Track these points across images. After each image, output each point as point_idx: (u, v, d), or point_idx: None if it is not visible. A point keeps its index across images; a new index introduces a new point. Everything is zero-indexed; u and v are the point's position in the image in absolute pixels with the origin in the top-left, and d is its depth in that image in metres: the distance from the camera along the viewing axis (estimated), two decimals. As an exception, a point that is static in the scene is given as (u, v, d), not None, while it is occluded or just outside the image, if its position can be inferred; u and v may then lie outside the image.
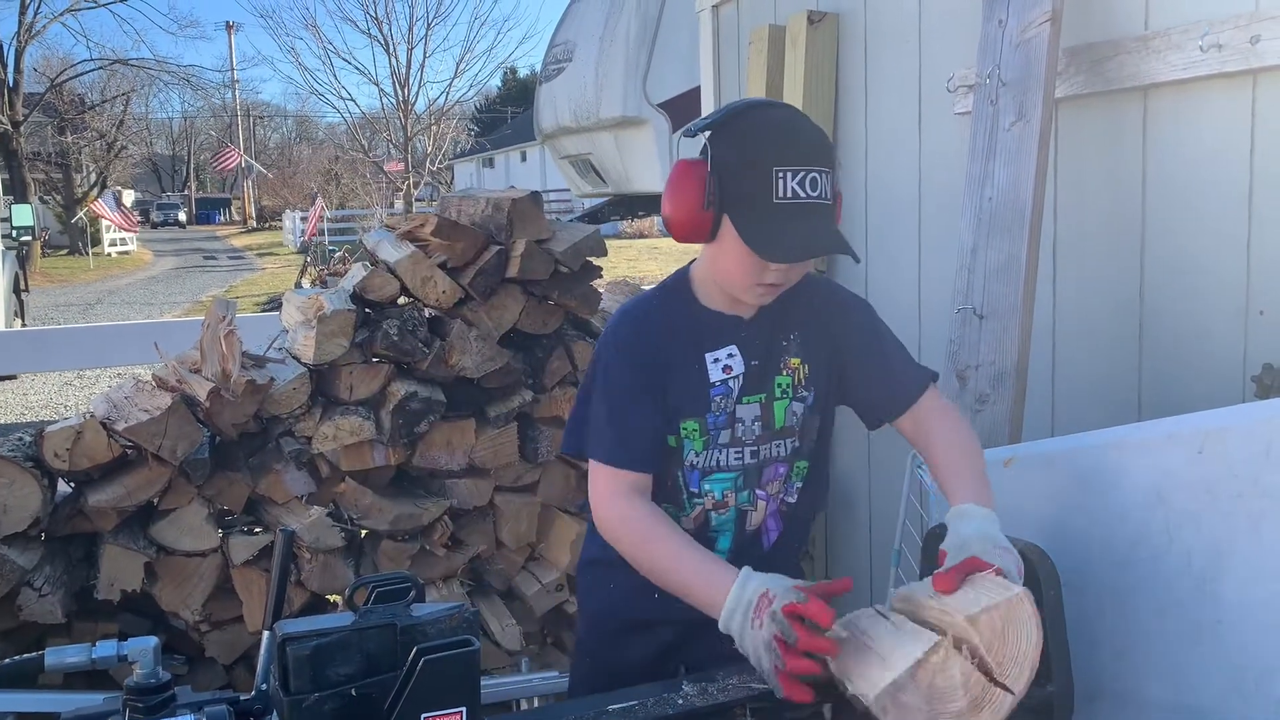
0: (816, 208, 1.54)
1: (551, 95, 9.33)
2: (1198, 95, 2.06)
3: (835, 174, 1.58)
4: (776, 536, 1.78)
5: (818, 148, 1.58)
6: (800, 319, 1.73)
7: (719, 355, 1.69)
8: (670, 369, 1.68)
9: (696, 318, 1.70)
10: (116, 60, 33.28)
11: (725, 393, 1.68)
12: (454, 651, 1.11)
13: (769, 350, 1.71)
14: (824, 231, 1.57)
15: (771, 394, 1.70)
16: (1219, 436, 1.44)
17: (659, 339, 1.69)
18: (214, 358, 2.63)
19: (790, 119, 1.63)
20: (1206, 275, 2.07)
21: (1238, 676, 1.40)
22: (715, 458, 1.70)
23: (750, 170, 1.55)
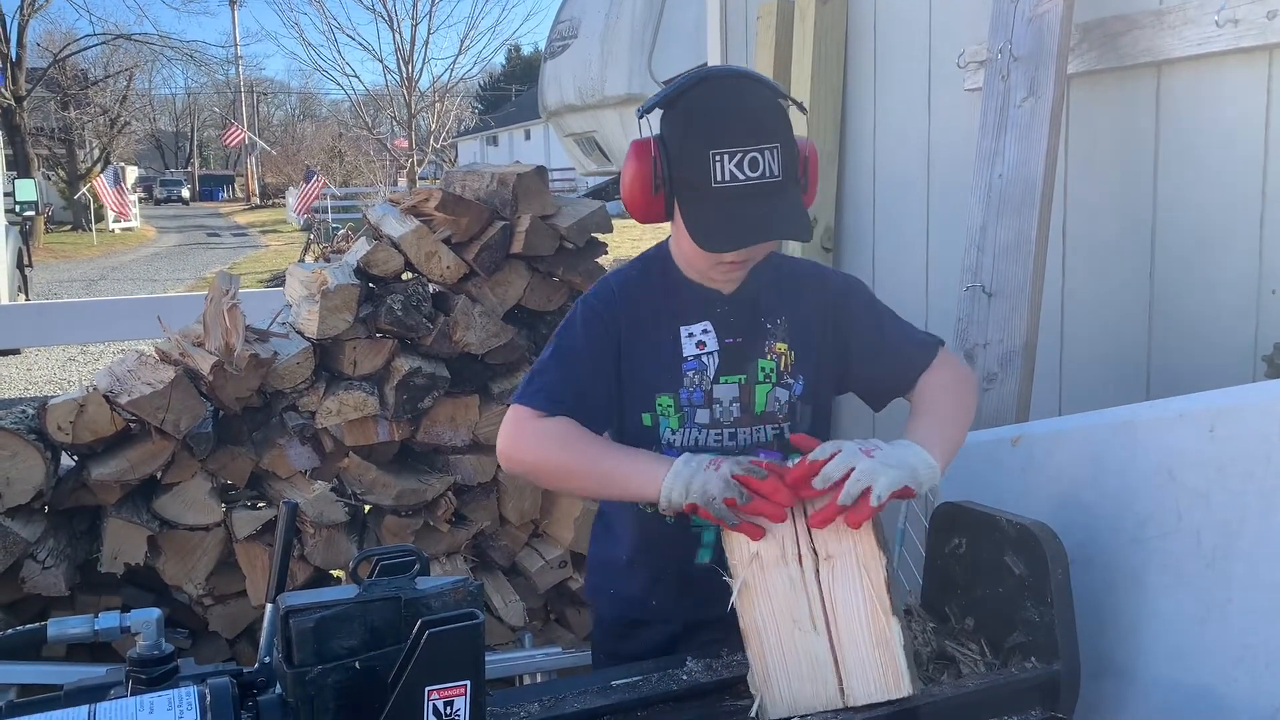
0: (760, 189, 1.48)
1: (556, 72, 9.29)
2: (1212, 71, 2.03)
3: (789, 146, 1.51)
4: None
5: (759, 124, 1.50)
6: (789, 303, 1.68)
7: (693, 330, 1.65)
8: (640, 340, 1.65)
9: (674, 289, 1.67)
10: (119, 35, 33.19)
11: (699, 368, 1.64)
12: (458, 625, 1.10)
13: (750, 331, 1.66)
14: (769, 215, 1.50)
15: (753, 377, 1.65)
16: (1230, 415, 1.43)
17: (630, 308, 1.66)
18: (217, 332, 2.61)
19: (731, 93, 1.54)
20: (1218, 254, 2.05)
21: (1246, 657, 1.39)
22: (694, 437, 1.65)
23: (690, 153, 1.51)
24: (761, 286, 1.67)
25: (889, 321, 1.73)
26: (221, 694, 1.10)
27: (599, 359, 1.64)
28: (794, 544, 1.39)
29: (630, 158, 1.58)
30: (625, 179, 1.59)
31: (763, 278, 1.67)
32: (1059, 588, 1.42)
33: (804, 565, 1.38)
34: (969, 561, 1.55)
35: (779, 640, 1.37)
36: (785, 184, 1.50)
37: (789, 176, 1.51)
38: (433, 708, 1.10)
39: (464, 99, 32.87)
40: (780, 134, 1.50)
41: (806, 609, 1.37)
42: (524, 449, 1.59)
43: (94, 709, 1.07)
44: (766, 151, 1.48)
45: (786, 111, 1.55)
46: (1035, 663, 1.43)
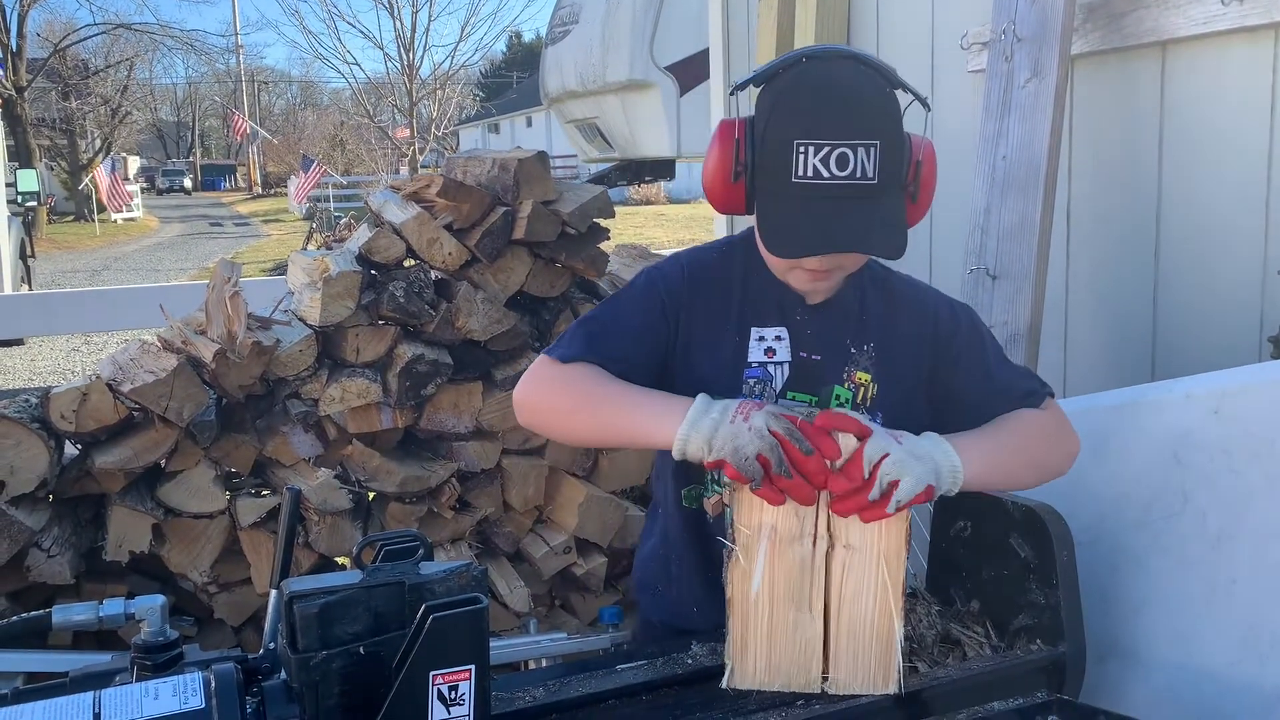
0: (847, 190, 1.30)
1: (557, 58, 9.26)
2: (1218, 50, 2.02)
3: (894, 146, 1.32)
4: None
5: (857, 115, 1.31)
6: (883, 328, 1.49)
7: (765, 334, 1.48)
8: (706, 329, 1.49)
9: (755, 283, 1.48)
10: (120, 25, 33.13)
11: (763, 378, 1.47)
12: (463, 609, 1.10)
13: (832, 350, 1.48)
14: (851, 223, 1.31)
15: (826, 402, 1.47)
16: (1236, 396, 1.42)
17: (697, 293, 1.49)
18: (219, 319, 2.61)
19: (831, 77, 1.35)
20: (1224, 234, 2.04)
21: (1251, 638, 1.39)
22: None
23: (774, 141, 1.34)
24: (855, 303, 1.48)
25: (1003, 369, 1.53)
26: (226, 679, 1.10)
27: (651, 334, 1.48)
28: (813, 523, 1.30)
29: (714, 140, 1.41)
30: (706, 162, 1.43)
31: (860, 293, 1.50)
32: (1064, 570, 1.42)
33: (817, 547, 1.31)
34: (974, 544, 1.54)
35: (770, 615, 1.33)
36: (882, 189, 1.32)
37: (889, 181, 1.33)
38: (437, 692, 1.10)
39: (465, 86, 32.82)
40: (883, 130, 1.32)
41: (808, 592, 1.33)
42: (536, 392, 1.48)
43: (99, 695, 1.07)
44: (861, 149, 1.29)
45: (894, 102, 1.36)
46: (1040, 645, 1.43)
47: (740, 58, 3.74)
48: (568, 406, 1.46)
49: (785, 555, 1.32)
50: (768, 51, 3.34)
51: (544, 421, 1.53)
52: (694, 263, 1.53)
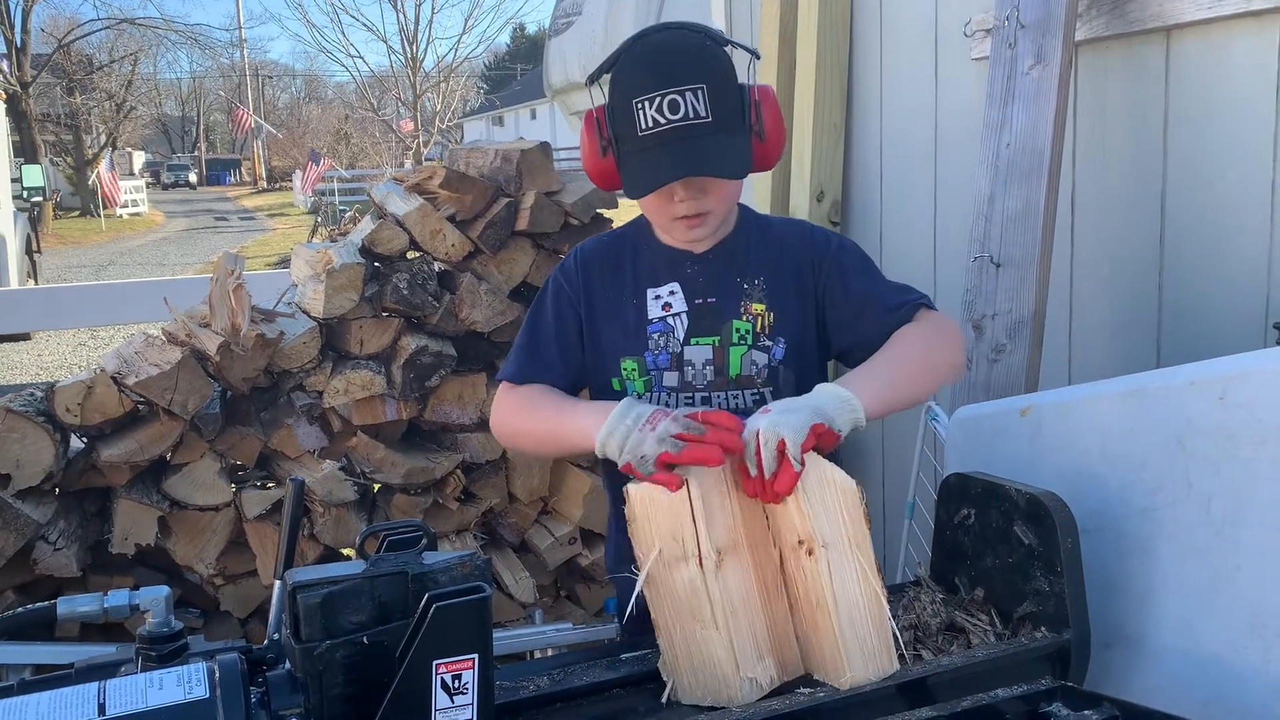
0: (685, 130, 1.45)
1: (561, 50, 9.24)
2: (1223, 35, 2.01)
3: (723, 88, 1.47)
4: None
5: (680, 66, 1.46)
6: (768, 263, 1.62)
7: (660, 292, 1.62)
8: (606, 304, 1.64)
9: (645, 253, 1.65)
10: (124, 20, 33.17)
11: (664, 330, 1.61)
12: (466, 599, 1.10)
13: (725, 291, 1.61)
14: (691, 154, 1.46)
15: (727, 339, 1.60)
16: (1241, 382, 1.41)
17: (595, 274, 1.66)
18: (223, 312, 2.61)
19: (657, 44, 1.51)
20: (1229, 221, 2.03)
21: (1256, 625, 1.38)
22: (663, 401, 1.60)
23: (620, 108, 1.50)
24: (739, 245, 1.63)
25: (876, 283, 1.65)
26: (230, 670, 1.11)
27: (565, 328, 1.66)
28: (694, 543, 1.31)
29: (582, 129, 1.57)
30: (581, 151, 1.60)
31: (742, 237, 1.64)
32: (1069, 557, 1.41)
33: (704, 566, 1.31)
34: (978, 532, 1.54)
35: (683, 633, 1.33)
36: (719, 125, 1.46)
37: (725, 119, 1.47)
38: (440, 681, 1.10)
39: (469, 79, 32.79)
40: (709, 76, 1.46)
41: (708, 609, 1.31)
42: (502, 421, 1.66)
43: (104, 686, 1.07)
44: (689, 93, 1.44)
45: (726, 57, 1.52)
46: (1045, 632, 1.43)
47: (743, 47, 3.73)
48: (522, 429, 1.65)
49: (675, 575, 1.33)
50: (770, 40, 3.33)
51: (515, 445, 1.70)
52: (586, 251, 1.71)
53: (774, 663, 1.34)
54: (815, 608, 1.34)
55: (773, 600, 1.36)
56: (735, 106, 1.49)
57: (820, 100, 3.10)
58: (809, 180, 3.13)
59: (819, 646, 1.35)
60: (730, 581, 1.33)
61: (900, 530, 2.71)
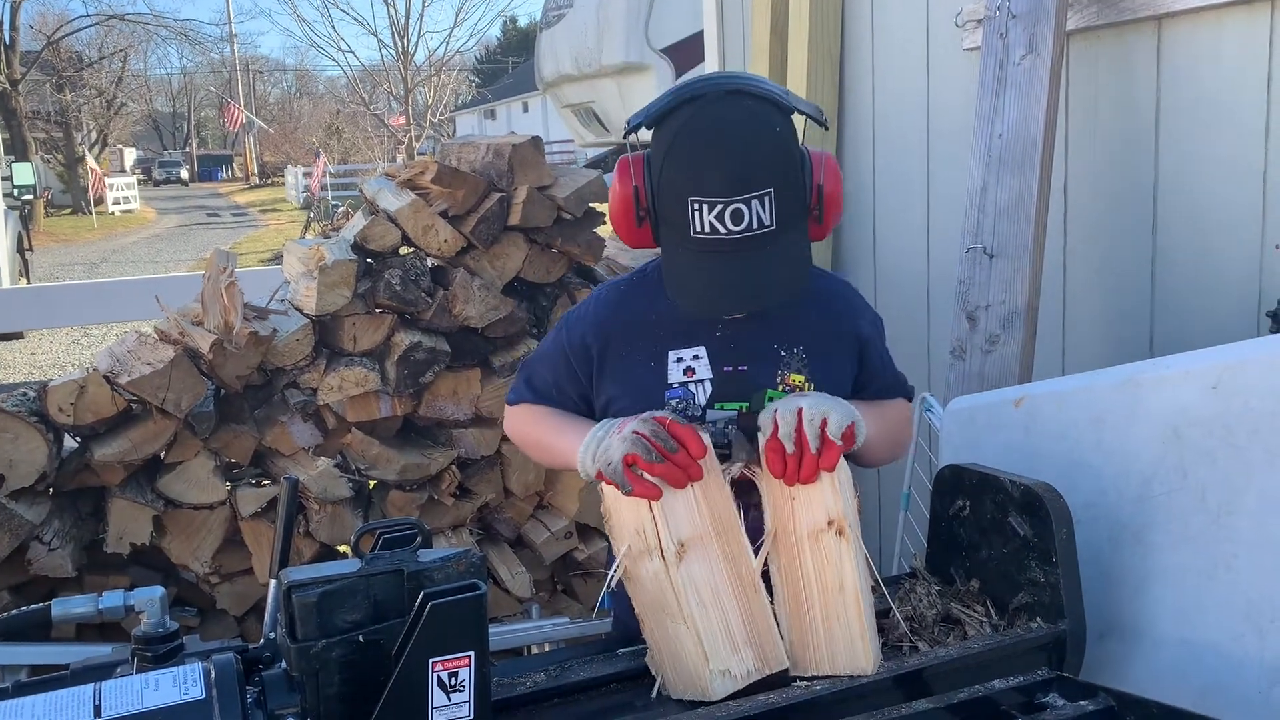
0: (746, 243, 1.31)
1: (552, 43, 9.22)
2: (1214, 23, 2.01)
3: (788, 186, 1.33)
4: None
5: (746, 168, 1.30)
6: (811, 328, 1.51)
7: (683, 355, 1.49)
8: (620, 360, 1.52)
9: (669, 311, 1.47)
10: (113, 16, 33.02)
11: (685, 397, 1.49)
12: (461, 596, 1.10)
13: (759, 358, 1.49)
14: (753, 275, 1.33)
15: (758, 406, 1.47)
16: (1235, 371, 1.42)
17: (611, 323, 1.54)
18: (215, 310, 2.60)
19: (718, 124, 1.33)
20: (1221, 210, 2.03)
21: (1252, 612, 1.38)
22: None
23: (670, 192, 1.35)
24: (781, 307, 1.45)
25: (886, 362, 1.65)
26: (226, 670, 1.10)
27: (570, 371, 1.57)
28: (655, 537, 1.31)
29: (615, 180, 1.42)
30: (611, 201, 1.45)
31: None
32: (1064, 548, 1.41)
33: (665, 558, 1.30)
34: (973, 523, 1.54)
35: (659, 628, 1.34)
36: (780, 231, 1.33)
37: (788, 220, 1.34)
38: (437, 679, 1.10)
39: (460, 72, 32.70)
40: (775, 175, 1.32)
41: (674, 601, 1.31)
42: (511, 435, 1.69)
43: (99, 687, 1.07)
44: (755, 200, 1.30)
45: (789, 137, 1.36)
46: (1041, 623, 1.43)
47: (735, 39, 3.72)
48: (529, 444, 1.66)
49: (640, 570, 1.33)
50: (762, 31, 3.32)
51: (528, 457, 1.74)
52: (606, 294, 1.58)
53: (753, 654, 1.33)
54: (838, 592, 1.33)
55: (748, 591, 1.35)
56: (797, 201, 1.36)
57: (812, 93, 3.09)
58: (802, 172, 3.12)
59: (831, 635, 1.34)
60: (695, 573, 1.32)
61: (895, 522, 2.71)
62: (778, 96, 1.37)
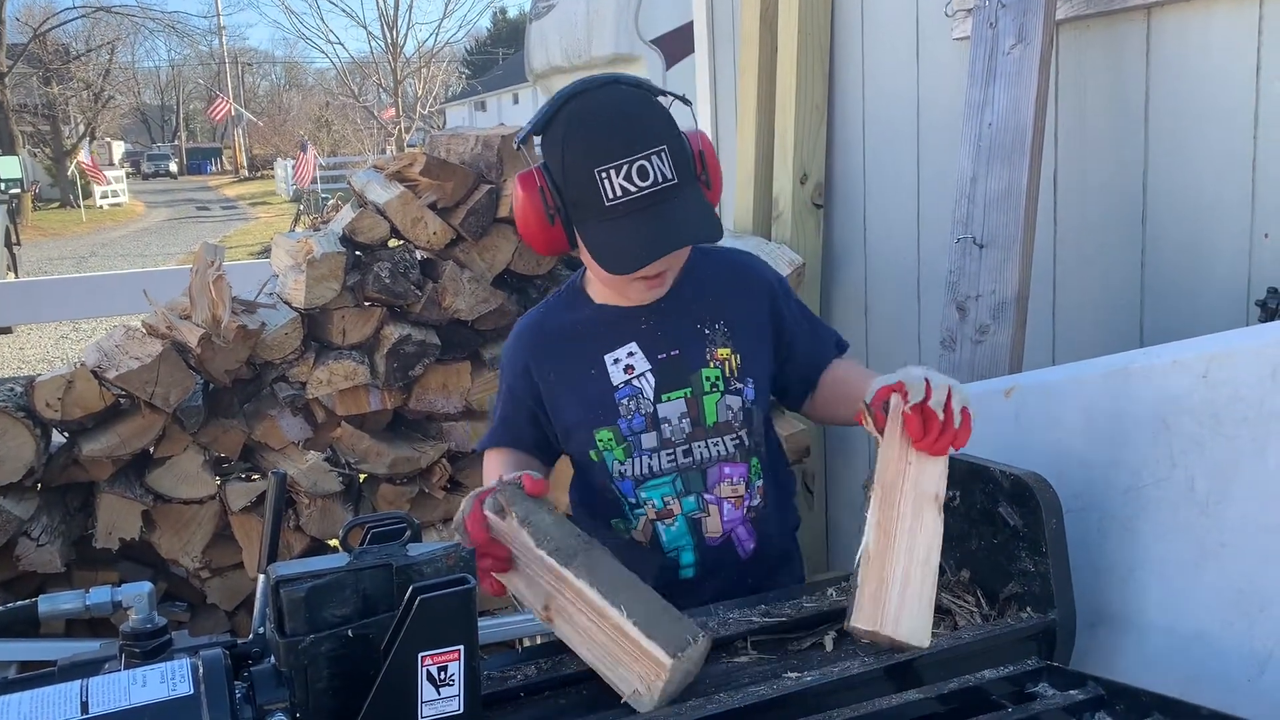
0: (655, 196, 1.42)
1: (542, 34, 9.19)
2: (1203, 13, 2.01)
3: (677, 145, 1.44)
4: (753, 547, 1.65)
5: (638, 129, 1.43)
6: (724, 303, 1.60)
7: (619, 355, 1.58)
8: (562, 381, 1.61)
9: (592, 318, 1.60)
10: (100, 8, 32.83)
11: (632, 393, 1.58)
12: (450, 590, 1.10)
13: (685, 341, 1.58)
14: (673, 222, 1.44)
15: (699, 389, 1.57)
16: (1224, 361, 1.42)
17: (542, 352, 1.63)
18: (203, 304, 2.59)
19: (602, 104, 1.46)
20: (1210, 199, 2.04)
21: (1241, 601, 1.39)
22: (646, 464, 1.59)
23: (575, 175, 1.44)
24: (689, 291, 1.59)
25: (811, 319, 1.71)
26: (214, 665, 1.10)
27: (521, 403, 1.65)
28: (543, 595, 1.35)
29: (517, 191, 1.51)
30: (518, 215, 1.52)
31: (690, 281, 1.60)
32: (1054, 537, 1.41)
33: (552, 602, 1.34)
34: (963, 513, 1.54)
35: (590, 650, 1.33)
36: (682, 185, 1.44)
37: (685, 177, 1.45)
38: (426, 673, 1.09)
39: (450, 64, 32.60)
40: (664, 134, 1.44)
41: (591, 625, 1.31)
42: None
43: (87, 684, 1.07)
44: (654, 156, 1.41)
45: (668, 110, 1.48)
46: (1031, 612, 1.43)
47: (725, 30, 3.71)
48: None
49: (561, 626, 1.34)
50: (751, 22, 3.31)
51: None
52: (527, 328, 1.68)
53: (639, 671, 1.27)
54: (924, 563, 1.37)
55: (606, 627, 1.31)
56: (687, 162, 1.47)
57: (802, 82, 3.08)
58: (792, 162, 3.12)
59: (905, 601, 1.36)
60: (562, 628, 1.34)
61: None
62: (643, 82, 1.52)
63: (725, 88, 3.73)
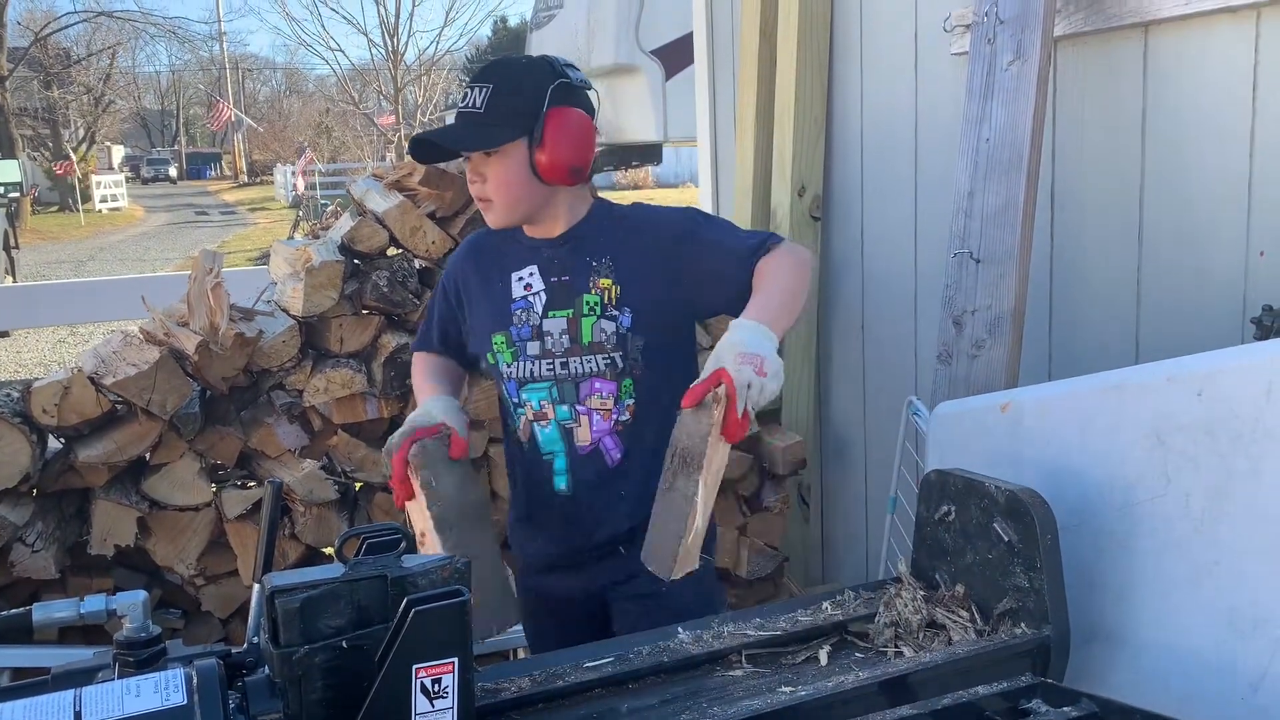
0: (461, 115, 1.77)
1: (542, 44, 9.20)
2: (1200, 31, 2.02)
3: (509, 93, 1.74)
4: (620, 457, 1.85)
5: (488, 69, 1.81)
6: (615, 244, 1.84)
7: (522, 274, 1.87)
8: (479, 289, 1.92)
9: (511, 244, 1.90)
10: (101, 13, 32.92)
11: (526, 307, 1.85)
12: (445, 603, 1.10)
13: (576, 270, 1.83)
14: (454, 129, 1.79)
15: (579, 311, 1.82)
16: (1219, 378, 1.42)
17: (471, 264, 1.96)
18: (201, 311, 2.59)
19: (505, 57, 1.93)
20: (1206, 216, 2.04)
21: (1235, 619, 1.39)
22: (528, 368, 1.85)
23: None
24: (588, 231, 1.86)
25: (726, 235, 1.86)
26: (208, 675, 1.10)
27: (448, 306, 1.99)
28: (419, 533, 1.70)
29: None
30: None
31: (591, 225, 1.86)
32: (1048, 553, 1.42)
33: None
34: (958, 528, 1.55)
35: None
36: (490, 120, 1.74)
37: (500, 116, 1.74)
38: (420, 685, 1.09)
39: (451, 72, 32.64)
40: (500, 81, 1.76)
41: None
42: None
43: (80, 693, 1.06)
44: (478, 88, 1.76)
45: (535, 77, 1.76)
46: (1025, 628, 1.43)
47: (725, 41, 3.72)
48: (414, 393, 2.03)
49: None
50: (750, 36, 3.32)
51: None
52: (468, 242, 2.03)
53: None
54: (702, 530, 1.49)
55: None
56: (518, 112, 1.74)
57: (801, 95, 3.10)
58: (790, 175, 3.13)
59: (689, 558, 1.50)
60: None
61: (882, 525, 2.72)
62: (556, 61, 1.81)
63: (724, 99, 3.74)
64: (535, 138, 1.75)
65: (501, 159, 1.77)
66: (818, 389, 3.29)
